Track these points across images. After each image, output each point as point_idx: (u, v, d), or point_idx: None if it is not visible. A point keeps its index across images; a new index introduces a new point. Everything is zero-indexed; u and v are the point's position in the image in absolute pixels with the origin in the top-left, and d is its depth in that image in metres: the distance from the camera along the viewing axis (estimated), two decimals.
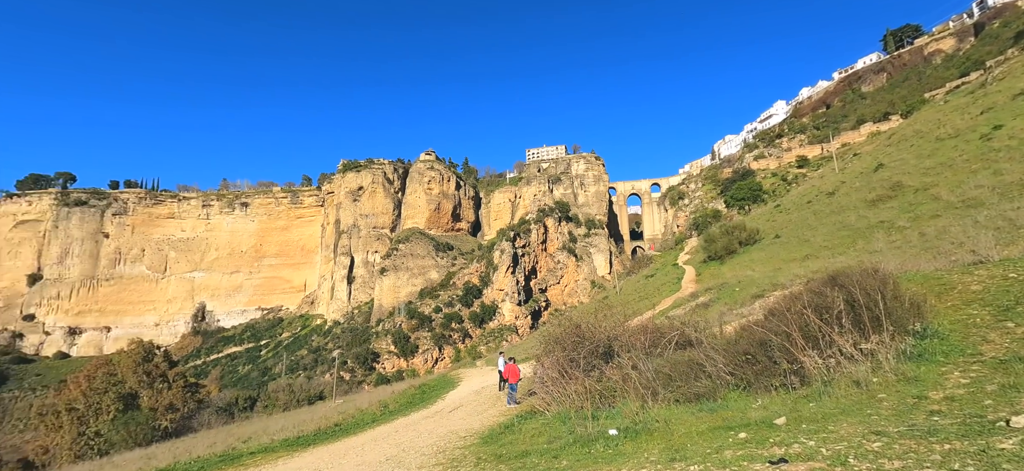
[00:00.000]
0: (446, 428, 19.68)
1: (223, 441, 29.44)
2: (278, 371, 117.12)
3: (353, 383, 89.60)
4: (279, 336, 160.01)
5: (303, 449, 23.03)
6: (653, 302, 57.58)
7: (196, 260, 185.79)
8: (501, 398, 25.39)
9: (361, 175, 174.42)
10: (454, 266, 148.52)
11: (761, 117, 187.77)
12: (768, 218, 77.68)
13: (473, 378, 39.71)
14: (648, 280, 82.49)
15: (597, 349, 16.99)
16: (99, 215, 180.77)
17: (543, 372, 18.85)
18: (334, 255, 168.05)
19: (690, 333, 16.01)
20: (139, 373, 53.56)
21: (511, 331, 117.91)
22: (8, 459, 56.34)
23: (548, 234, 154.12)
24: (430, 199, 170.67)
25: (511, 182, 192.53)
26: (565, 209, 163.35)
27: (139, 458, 30.61)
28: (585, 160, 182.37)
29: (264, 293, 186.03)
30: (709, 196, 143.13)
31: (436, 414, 25.50)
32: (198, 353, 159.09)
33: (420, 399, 32.53)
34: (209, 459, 24.03)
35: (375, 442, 20.46)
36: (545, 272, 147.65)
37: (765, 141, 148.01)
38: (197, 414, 51.27)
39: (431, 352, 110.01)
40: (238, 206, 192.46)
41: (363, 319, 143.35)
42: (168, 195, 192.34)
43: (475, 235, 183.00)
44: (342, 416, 30.52)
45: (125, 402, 50.36)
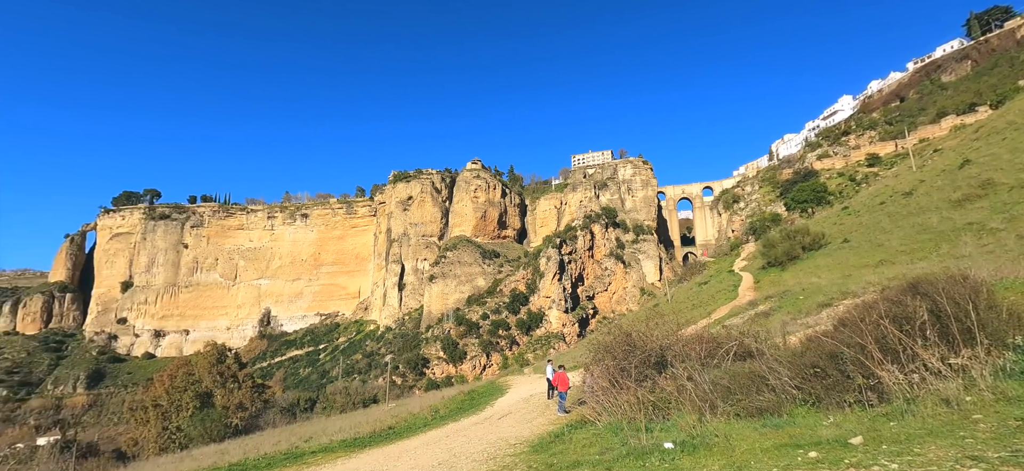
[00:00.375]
0: (496, 435, 19.79)
1: (287, 440, 31.15)
2: (335, 374, 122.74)
3: (404, 387, 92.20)
4: (336, 341, 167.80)
5: (360, 450, 23.93)
6: (708, 310, 55.13)
7: (262, 268, 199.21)
8: (550, 406, 25.20)
9: (410, 185, 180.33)
10: (500, 273, 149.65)
11: (824, 114, 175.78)
12: (835, 221, 72.38)
13: (521, 385, 39.69)
14: (701, 287, 79.13)
15: (649, 358, 16.50)
16: (180, 228, 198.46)
17: (593, 381, 18.55)
18: (386, 263, 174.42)
19: (750, 343, 15.21)
20: (213, 374, 58.02)
21: (558, 338, 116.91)
22: (104, 449, 62.80)
23: (595, 240, 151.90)
24: (476, 207, 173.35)
25: (556, 189, 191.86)
26: (612, 215, 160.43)
27: (214, 453, 32.93)
28: (632, 165, 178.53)
29: (322, 299, 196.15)
30: (767, 199, 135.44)
31: (485, 420, 25.72)
32: (264, 355, 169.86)
33: (469, 405, 32.93)
34: (275, 457, 25.50)
35: (427, 446, 20.93)
36: (592, 279, 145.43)
37: (829, 139, 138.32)
38: (263, 413, 54.59)
39: (479, 358, 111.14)
40: (299, 217, 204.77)
41: (413, 325, 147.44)
42: (238, 208, 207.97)
43: (521, 242, 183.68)
44: (395, 420, 31.45)
45: (201, 400, 54.66)
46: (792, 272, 56.31)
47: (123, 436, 66.11)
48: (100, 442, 71.72)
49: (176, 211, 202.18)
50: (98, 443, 69.36)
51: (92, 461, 53.02)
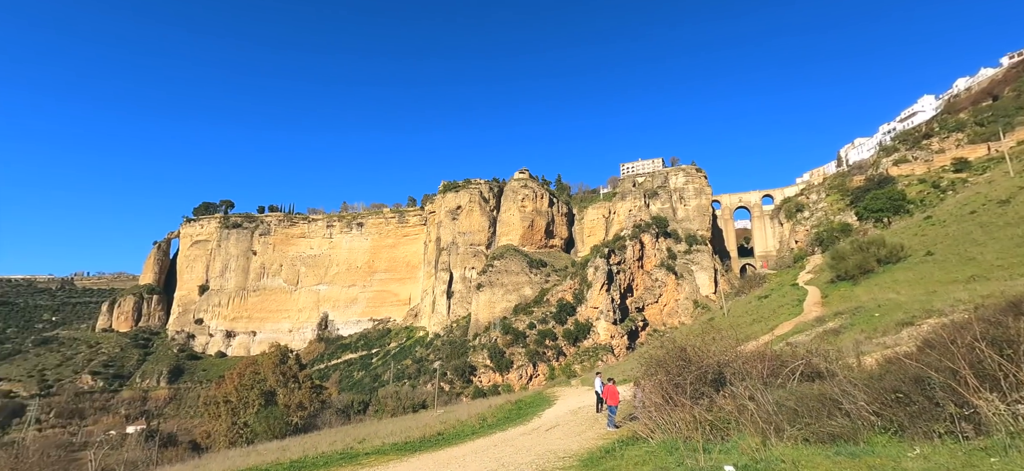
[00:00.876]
0: (544, 447, 19.60)
1: (342, 440, 32.45)
2: (387, 378, 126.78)
3: (452, 394, 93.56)
4: (387, 345, 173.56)
5: (410, 454, 24.50)
6: (769, 326, 51.88)
7: (321, 274, 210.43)
8: (599, 420, 24.64)
9: (459, 195, 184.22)
10: (547, 283, 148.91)
11: (901, 116, 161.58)
12: (916, 232, 66.07)
13: (569, 397, 39.11)
14: (762, 301, 74.64)
15: (705, 375, 15.76)
16: (249, 236, 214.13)
17: (644, 396, 17.96)
18: (435, 271, 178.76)
19: (819, 363, 14.15)
20: (277, 373, 61.69)
21: (606, 351, 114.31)
22: (182, 439, 68.48)
23: (645, 250, 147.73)
24: (523, 216, 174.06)
25: (604, 198, 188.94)
26: (663, 224, 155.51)
27: (276, 449, 34.82)
28: (685, 172, 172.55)
29: (375, 305, 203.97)
30: (835, 208, 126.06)
31: (533, 431, 25.54)
32: (321, 358, 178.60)
33: (516, 415, 32.85)
34: (331, 456, 26.63)
35: (475, 454, 21.07)
36: (642, 290, 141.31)
37: (908, 143, 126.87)
38: (321, 413, 57.26)
39: (525, 368, 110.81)
40: (354, 226, 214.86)
41: (461, 333, 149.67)
42: (300, 217, 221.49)
43: (568, 252, 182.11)
44: (444, 426, 31.95)
45: (266, 398, 58.23)
46: (865, 287, 51.82)
47: (198, 429, 71.72)
48: (178, 433, 78.33)
49: (247, 220, 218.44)
50: (177, 434, 75.77)
51: (172, 450, 57.82)
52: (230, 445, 50.72)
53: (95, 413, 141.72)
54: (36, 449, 51.57)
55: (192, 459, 38.35)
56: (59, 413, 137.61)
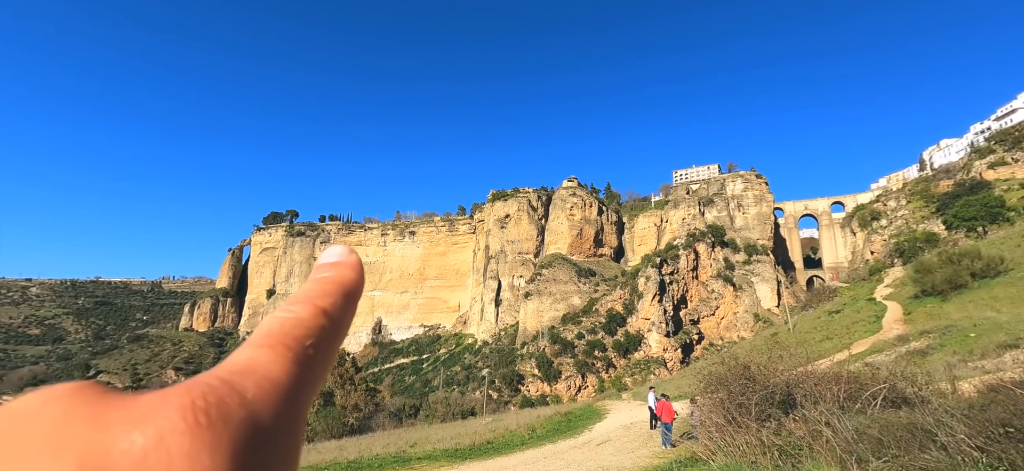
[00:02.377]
0: (596, 462, 19.10)
1: (395, 443, 33.33)
2: (436, 384, 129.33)
3: (500, 402, 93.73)
4: (437, 351, 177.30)
5: (460, 462, 24.71)
6: (842, 343, 47.85)
7: (375, 280, 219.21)
8: (653, 437, 23.69)
9: (507, 203, 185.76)
10: (596, 292, 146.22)
11: (997, 113, 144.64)
12: (1018, 243, 58.70)
13: (620, 411, 37.98)
14: (833, 316, 69.07)
15: (772, 395, 14.71)
16: (311, 243, 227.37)
17: (703, 415, 17.03)
18: (483, 279, 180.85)
19: (905, 388, 12.82)
20: (335, 375, 64.56)
21: (659, 364, 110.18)
22: None
23: (699, 260, 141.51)
24: (572, 225, 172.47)
25: (656, 206, 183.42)
26: (719, 233, 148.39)
27: (334, 448, 36.28)
28: (743, 179, 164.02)
29: (426, 312, 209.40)
30: (918, 215, 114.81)
31: (583, 445, 24.98)
32: (375, 361, 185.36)
33: (566, 427, 32.31)
34: (385, 458, 27.39)
35: (524, 466, 20.90)
36: (697, 302, 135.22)
37: (1006, 143, 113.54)
38: (375, 416, 59.20)
39: (574, 379, 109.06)
40: (407, 234, 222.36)
41: (509, 341, 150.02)
42: (357, 226, 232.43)
43: (618, 261, 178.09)
44: (493, 434, 32.00)
45: (325, 398, 61.07)
46: (957, 303, 46.52)
47: None
48: None
49: (309, 229, 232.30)
50: None
51: None
52: None
53: None
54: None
55: None
56: None
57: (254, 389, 0.42)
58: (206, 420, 0.37)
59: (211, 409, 0.38)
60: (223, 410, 0.38)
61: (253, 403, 0.41)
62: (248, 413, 0.40)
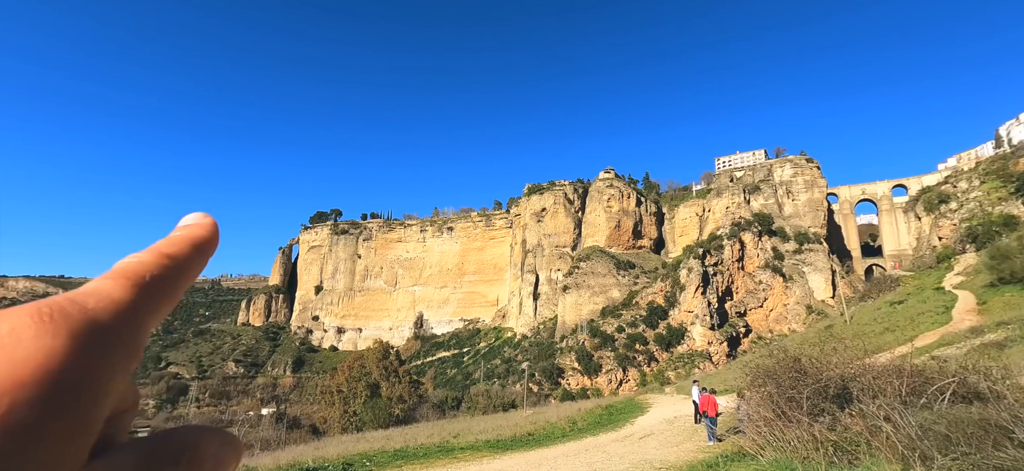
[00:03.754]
0: (639, 456, 18.92)
1: (438, 434, 34.22)
2: (477, 377, 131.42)
3: (540, 396, 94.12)
4: (477, 345, 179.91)
5: (502, 453, 25.12)
6: (906, 336, 44.80)
7: (416, 276, 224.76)
8: (698, 431, 23.17)
9: (543, 197, 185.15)
10: (636, 285, 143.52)
11: None
12: None
13: (663, 405, 37.31)
14: (895, 307, 64.64)
15: (826, 389, 14.06)
16: (355, 241, 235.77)
17: (751, 409, 16.50)
18: (521, 273, 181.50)
19: (978, 382, 11.90)
20: (380, 368, 66.97)
21: (703, 358, 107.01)
22: (305, 423, 77.42)
23: (745, 250, 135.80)
24: (610, 217, 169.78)
25: (698, 195, 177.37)
26: (767, 222, 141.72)
27: (381, 438, 37.67)
28: (792, 164, 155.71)
29: (465, 306, 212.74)
30: (994, 197, 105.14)
31: (625, 439, 24.78)
32: (418, 355, 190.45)
33: (607, 420, 32.12)
34: (430, 448, 28.22)
35: (566, 457, 21.00)
36: (743, 293, 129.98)
37: None
38: (419, 407, 61.02)
39: (615, 373, 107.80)
40: (445, 230, 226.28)
41: (548, 334, 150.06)
42: (398, 223, 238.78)
43: (658, 253, 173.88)
44: (534, 426, 32.27)
45: (371, 390, 63.47)
46: None
47: (316, 414, 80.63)
48: (301, 417, 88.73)
49: (352, 227, 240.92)
50: (300, 418, 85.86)
51: (296, 432, 65.51)
52: (342, 431, 56.04)
53: (238, 395, 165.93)
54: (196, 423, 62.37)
55: (313, 441, 43.05)
56: (212, 394, 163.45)
57: (94, 302, 0.49)
58: (49, 316, 0.45)
59: (55, 311, 0.46)
60: (65, 312, 0.47)
61: (93, 311, 0.48)
62: (88, 316, 0.48)
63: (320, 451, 34.22)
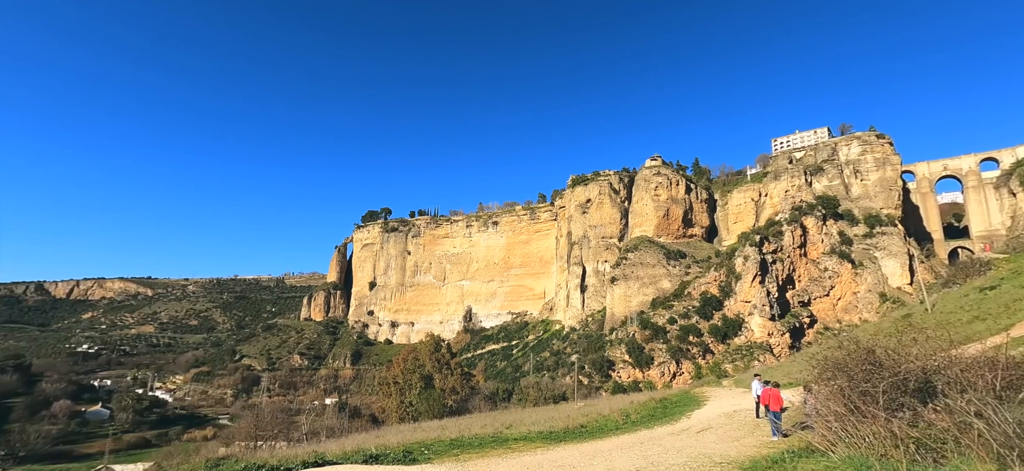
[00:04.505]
0: (697, 450, 18.50)
1: (491, 425, 34.93)
2: (526, 369, 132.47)
3: (591, 388, 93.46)
4: (526, 338, 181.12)
5: (556, 444, 25.30)
6: (1000, 325, 40.55)
7: (463, 271, 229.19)
8: (761, 426, 22.27)
9: (588, 188, 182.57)
10: (688, 275, 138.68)
11: None
12: None
13: (721, 398, 36.04)
14: (985, 294, 58.48)
15: (904, 383, 13.10)
16: (404, 238, 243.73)
17: (819, 403, 15.65)
18: (567, 265, 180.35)
19: None
20: (432, 360, 69.08)
21: (763, 350, 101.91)
22: (364, 413, 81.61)
23: (808, 236, 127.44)
24: (658, 206, 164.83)
25: (753, 179, 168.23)
26: (831, 204, 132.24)
27: (436, 428, 38.92)
28: (860, 141, 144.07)
29: (512, 299, 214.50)
30: None
31: (682, 432, 24.23)
32: (467, 347, 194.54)
33: (662, 413, 31.49)
34: (484, 438, 28.89)
35: (621, 450, 20.87)
36: (806, 282, 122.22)
37: None
38: (471, 398, 62.49)
39: (668, 365, 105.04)
40: (490, 225, 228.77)
41: (597, 327, 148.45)
42: (444, 219, 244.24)
43: (710, 241, 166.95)
44: (586, 419, 32.20)
45: (425, 381, 65.64)
46: None
47: (375, 404, 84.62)
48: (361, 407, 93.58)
49: (401, 225, 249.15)
50: (360, 407, 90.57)
51: (357, 421, 69.18)
52: (400, 421, 58.48)
53: (303, 386, 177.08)
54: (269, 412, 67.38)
55: (373, 430, 45.31)
56: (281, 384, 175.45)
57: None
58: None
59: None
60: None
61: None
62: None
63: (381, 439, 35.96)
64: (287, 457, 20.90)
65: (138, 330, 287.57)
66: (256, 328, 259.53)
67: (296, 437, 57.77)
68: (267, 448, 41.51)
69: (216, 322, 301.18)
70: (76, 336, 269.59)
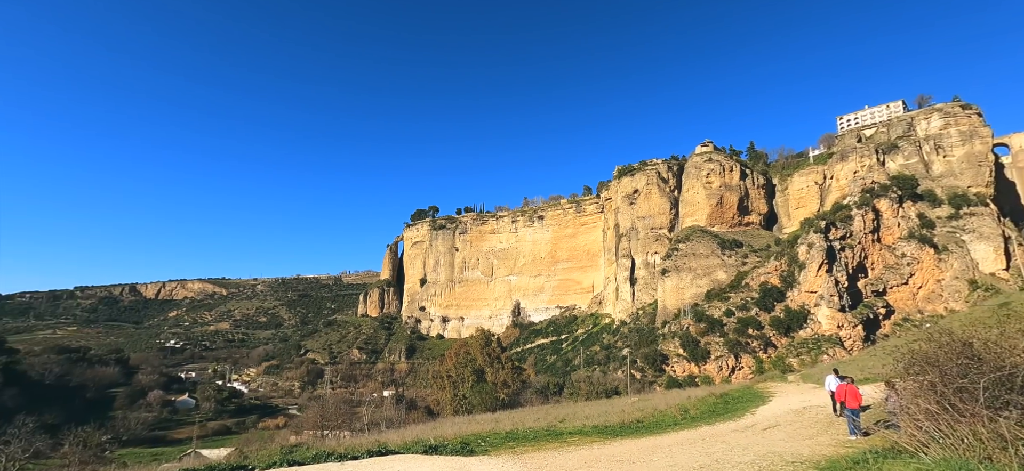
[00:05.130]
0: (765, 448, 17.64)
1: (545, 418, 35.04)
2: (577, 363, 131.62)
3: (644, 383, 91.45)
4: (575, 332, 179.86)
5: (612, 439, 25.01)
6: None
7: (510, 266, 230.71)
8: (837, 425, 20.89)
9: (635, 178, 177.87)
10: (745, 265, 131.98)
11: None
12: None
13: (788, 394, 34.13)
14: None
15: (1010, 379, 11.82)
16: (452, 235, 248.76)
17: (904, 400, 14.44)
18: (615, 258, 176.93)
19: None
20: (483, 354, 70.21)
21: (832, 343, 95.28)
22: (420, 405, 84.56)
23: (881, 220, 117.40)
24: (710, 193, 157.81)
25: (816, 161, 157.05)
26: (909, 185, 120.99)
27: (490, 420, 39.55)
28: (942, 113, 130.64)
29: (560, 294, 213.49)
30: None
31: (746, 429, 23.20)
32: (517, 342, 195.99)
33: (723, 409, 30.28)
34: (538, 431, 29.04)
35: (681, 446, 20.29)
36: (881, 269, 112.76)
37: None
38: (522, 392, 63.00)
39: (725, 359, 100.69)
40: (535, 219, 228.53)
41: (648, 320, 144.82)
42: (490, 215, 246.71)
43: (769, 228, 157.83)
44: (641, 413, 31.57)
45: (477, 375, 66.85)
46: None
47: (429, 397, 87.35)
48: (417, 399, 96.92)
49: (449, 222, 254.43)
50: (416, 400, 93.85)
51: (414, 412, 71.71)
52: (454, 413, 59.97)
53: (362, 379, 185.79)
54: (333, 403, 71.61)
55: (429, 421, 46.82)
56: (342, 377, 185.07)
57: None
58: None
59: None
60: None
61: None
62: None
63: (438, 430, 37.03)
64: (353, 446, 22.04)
65: (215, 327, 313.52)
66: (318, 324, 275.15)
67: (358, 427, 60.88)
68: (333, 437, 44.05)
69: (282, 319, 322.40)
70: (164, 332, 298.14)
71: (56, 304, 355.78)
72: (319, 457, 19.53)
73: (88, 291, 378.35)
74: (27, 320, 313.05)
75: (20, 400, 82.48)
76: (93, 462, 44.22)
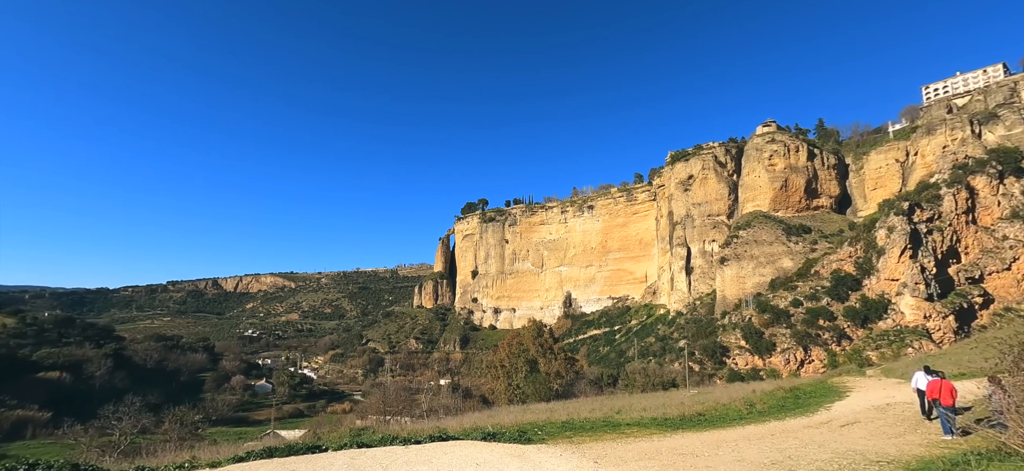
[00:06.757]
0: (843, 446, 16.50)
1: (600, 409, 34.69)
2: (631, 354, 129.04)
3: (703, 375, 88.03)
4: (628, 323, 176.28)
5: (672, 431, 24.34)
6: None
7: (561, 257, 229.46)
8: (927, 425, 19.13)
9: (689, 164, 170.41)
10: (814, 251, 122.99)
11: None
12: None
13: (867, 389, 31.65)
14: None
15: None
16: (502, 227, 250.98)
17: (1014, 397, 12.94)
18: (670, 247, 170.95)
19: None
20: (536, 344, 70.62)
21: (917, 335, 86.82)
22: (475, 394, 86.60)
23: (977, 199, 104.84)
24: (773, 176, 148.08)
25: (896, 136, 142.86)
26: (1012, 158, 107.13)
27: (545, 410, 39.71)
28: None
29: (612, 284, 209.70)
30: None
31: (821, 426, 21.80)
32: (569, 333, 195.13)
33: (793, 404, 28.62)
34: (595, 422, 28.83)
35: (749, 441, 19.43)
36: (976, 254, 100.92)
37: None
38: (576, 383, 62.75)
39: (793, 352, 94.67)
40: (585, 209, 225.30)
41: (706, 310, 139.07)
42: (539, 206, 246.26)
43: (842, 212, 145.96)
44: (702, 407, 30.44)
45: (530, 365, 67.39)
46: None
47: (484, 386, 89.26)
48: (471, 388, 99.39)
49: (498, 214, 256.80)
50: (471, 389, 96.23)
51: (469, 401, 73.56)
52: (508, 402, 60.87)
53: (420, 367, 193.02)
54: (393, 390, 75.14)
55: (485, 410, 47.80)
56: (401, 365, 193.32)
57: None
58: None
59: None
60: None
61: None
62: None
63: (494, 419, 37.75)
64: (414, 431, 23.02)
65: (286, 318, 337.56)
66: (377, 315, 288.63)
67: (417, 413, 63.42)
68: (395, 422, 46.22)
69: (345, 310, 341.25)
70: (243, 323, 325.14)
71: (152, 297, 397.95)
72: (385, 440, 20.55)
73: (178, 285, 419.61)
74: (130, 311, 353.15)
75: (128, 382, 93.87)
76: (189, 438, 49.37)
